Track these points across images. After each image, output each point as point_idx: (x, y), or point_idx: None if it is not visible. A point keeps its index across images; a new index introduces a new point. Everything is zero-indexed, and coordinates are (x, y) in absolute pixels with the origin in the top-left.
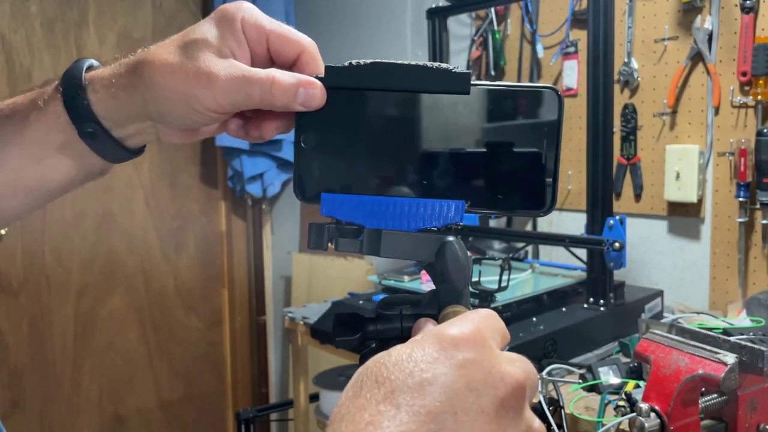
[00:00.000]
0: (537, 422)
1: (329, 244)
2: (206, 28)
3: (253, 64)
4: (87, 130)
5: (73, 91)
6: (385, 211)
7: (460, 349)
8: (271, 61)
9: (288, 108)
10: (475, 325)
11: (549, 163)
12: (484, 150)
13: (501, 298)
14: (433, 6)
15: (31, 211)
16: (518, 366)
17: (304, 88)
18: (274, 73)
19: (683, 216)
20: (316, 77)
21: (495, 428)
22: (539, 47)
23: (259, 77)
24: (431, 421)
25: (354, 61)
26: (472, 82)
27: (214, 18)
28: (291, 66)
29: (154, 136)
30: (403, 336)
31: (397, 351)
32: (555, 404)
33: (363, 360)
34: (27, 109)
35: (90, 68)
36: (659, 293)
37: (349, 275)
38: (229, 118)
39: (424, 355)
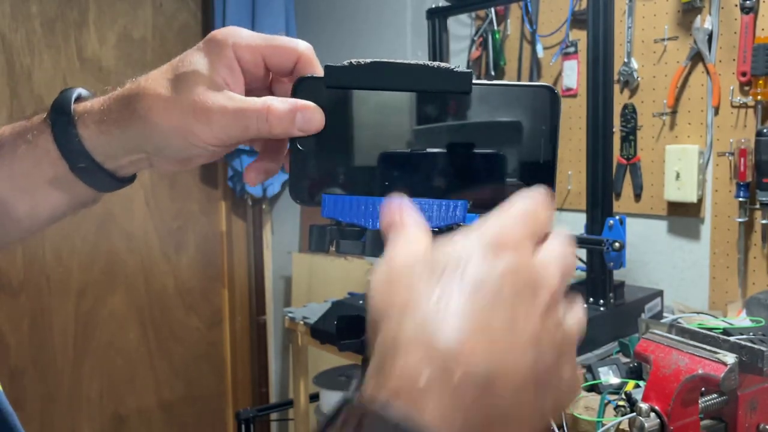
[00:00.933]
0: (571, 320)
1: (330, 247)
2: (197, 59)
3: (251, 85)
4: (79, 165)
5: (62, 127)
6: None
7: (502, 256)
8: (270, 78)
9: (286, 135)
10: (516, 225)
11: (547, 162)
12: (484, 149)
13: None
14: (433, 6)
15: (18, 242)
16: (552, 269)
17: (301, 112)
18: (270, 101)
19: (683, 216)
20: (312, 77)
21: (538, 334)
22: (539, 47)
23: (255, 108)
24: (482, 325)
25: (354, 60)
26: (476, 82)
27: (204, 47)
28: (290, 74)
29: (147, 164)
30: None
31: (447, 251)
32: None
33: (365, 362)
34: (15, 141)
35: (78, 98)
36: (659, 293)
37: (349, 275)
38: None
39: (474, 258)
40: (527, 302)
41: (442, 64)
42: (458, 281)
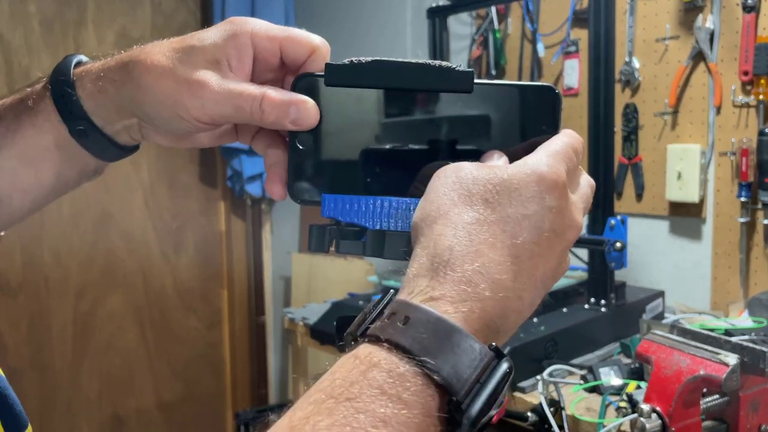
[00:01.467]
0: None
1: (330, 247)
2: (208, 36)
3: (265, 75)
4: (78, 128)
5: (61, 89)
6: (388, 212)
7: (554, 195)
8: (284, 70)
9: (278, 125)
10: (565, 168)
11: None
12: (485, 148)
13: None
14: (434, 5)
15: (27, 215)
16: (581, 213)
17: (296, 106)
18: (267, 89)
19: (685, 216)
20: (313, 74)
21: (554, 265)
22: (540, 46)
23: (250, 92)
24: (516, 255)
25: (355, 59)
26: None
27: (220, 27)
28: (301, 66)
29: (139, 134)
30: None
31: (506, 180)
32: (556, 405)
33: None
34: (17, 109)
35: (79, 64)
36: (660, 294)
37: (349, 275)
38: (219, 129)
39: (526, 191)
40: (560, 240)
41: (444, 64)
42: (513, 208)
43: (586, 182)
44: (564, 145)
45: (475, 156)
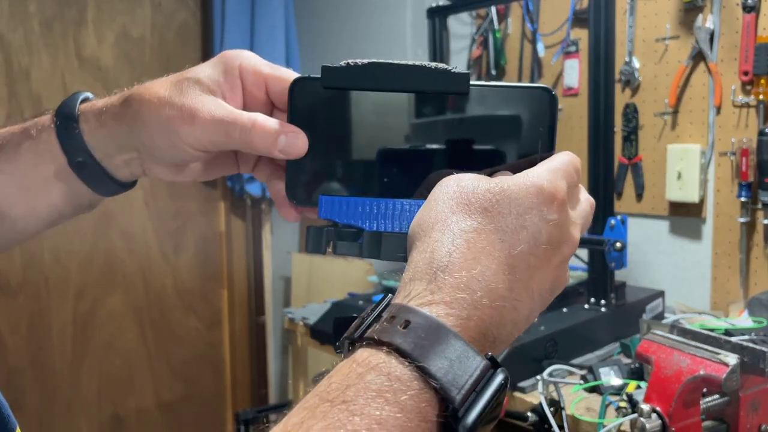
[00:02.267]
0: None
1: (327, 248)
2: (202, 69)
3: (252, 107)
4: (77, 160)
5: (65, 121)
6: (384, 213)
7: (552, 208)
8: (271, 105)
9: (268, 153)
10: (566, 185)
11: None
12: (481, 150)
13: None
14: (434, 5)
15: (11, 245)
16: (579, 230)
17: (286, 135)
18: (258, 117)
19: (685, 216)
20: (309, 77)
21: (552, 278)
22: (540, 46)
23: (241, 120)
24: (512, 265)
25: (351, 61)
26: (474, 83)
27: (213, 61)
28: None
29: (140, 168)
30: None
31: (505, 190)
32: (556, 405)
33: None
34: (19, 138)
35: (86, 100)
36: (660, 293)
37: (349, 275)
38: (212, 157)
39: (525, 203)
40: (556, 253)
41: (440, 65)
42: (511, 219)
43: (586, 200)
44: (565, 162)
45: (472, 157)
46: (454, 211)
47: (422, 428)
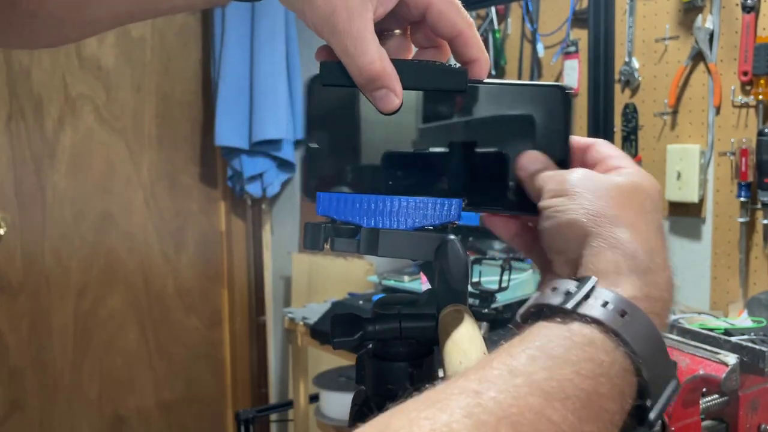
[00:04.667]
0: None
1: (325, 244)
2: None
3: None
4: None
5: None
6: (382, 210)
7: (657, 201)
8: (429, 35)
9: (363, 90)
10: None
11: (562, 162)
12: (484, 149)
13: (501, 299)
14: None
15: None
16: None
17: (388, 90)
18: (386, 60)
19: (684, 216)
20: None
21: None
22: (540, 47)
23: (365, 45)
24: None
25: None
26: (477, 80)
27: None
28: (420, 21)
29: None
30: (402, 336)
31: (641, 186)
32: None
33: (360, 360)
34: None
35: None
36: None
37: (349, 275)
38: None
39: (656, 197)
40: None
41: (437, 62)
42: (657, 213)
43: None
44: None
45: (474, 155)
46: (623, 206)
47: (621, 404)
